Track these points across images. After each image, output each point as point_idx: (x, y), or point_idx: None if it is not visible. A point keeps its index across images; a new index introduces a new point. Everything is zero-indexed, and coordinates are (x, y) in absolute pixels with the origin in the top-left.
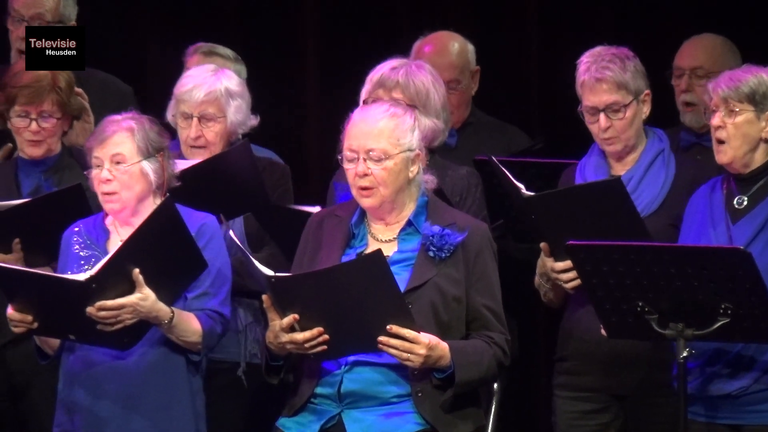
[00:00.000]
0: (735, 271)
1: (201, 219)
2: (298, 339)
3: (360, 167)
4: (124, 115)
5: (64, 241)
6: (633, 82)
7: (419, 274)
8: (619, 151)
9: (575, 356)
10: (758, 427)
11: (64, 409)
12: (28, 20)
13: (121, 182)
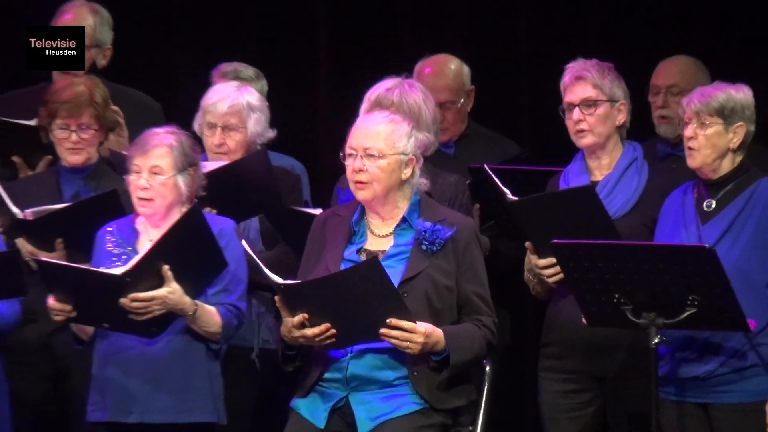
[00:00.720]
0: (702, 267)
1: (220, 223)
2: (308, 334)
3: (357, 163)
4: (165, 129)
5: (97, 240)
6: (609, 88)
7: (413, 266)
8: (589, 146)
9: (559, 342)
10: (723, 405)
11: (97, 390)
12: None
13: (156, 191)
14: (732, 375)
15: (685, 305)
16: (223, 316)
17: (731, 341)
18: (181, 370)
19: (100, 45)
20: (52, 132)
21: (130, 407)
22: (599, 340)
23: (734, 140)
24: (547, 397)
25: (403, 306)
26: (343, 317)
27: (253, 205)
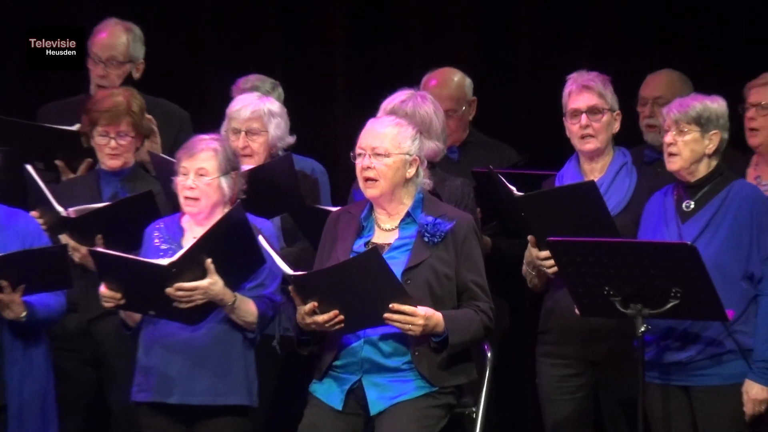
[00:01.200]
0: (684, 262)
1: (259, 224)
2: (319, 321)
3: (366, 161)
4: (210, 135)
5: (146, 235)
6: (610, 98)
7: (416, 256)
8: (592, 151)
9: (555, 330)
10: (702, 387)
11: (142, 372)
12: (105, 61)
13: (202, 191)
14: (710, 360)
15: (668, 297)
16: (260, 308)
17: (710, 330)
18: (219, 356)
19: (134, 60)
20: (93, 138)
21: (172, 389)
22: (593, 328)
23: (710, 146)
24: (546, 380)
25: (403, 292)
26: (350, 304)
27: (278, 205)
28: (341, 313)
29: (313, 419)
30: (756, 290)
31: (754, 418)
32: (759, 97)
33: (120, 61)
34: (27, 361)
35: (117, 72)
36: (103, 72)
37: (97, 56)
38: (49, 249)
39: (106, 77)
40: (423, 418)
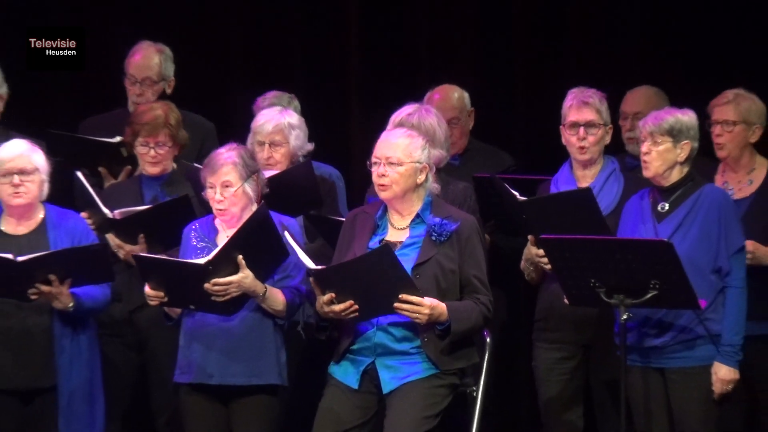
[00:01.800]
0: (661, 257)
1: (285, 221)
2: (336, 310)
3: (381, 169)
4: (226, 147)
5: (184, 235)
6: (605, 114)
7: (425, 253)
8: (587, 161)
9: (551, 318)
10: (676, 369)
11: (184, 357)
12: (140, 81)
13: (230, 201)
14: (683, 345)
15: (648, 288)
16: (287, 297)
17: (683, 318)
18: (253, 342)
19: (166, 78)
20: (135, 148)
21: (211, 372)
22: (584, 315)
23: (681, 155)
24: (541, 363)
25: (411, 284)
26: (364, 295)
27: (298, 207)
28: (356, 303)
29: (331, 397)
30: (724, 282)
31: (721, 397)
32: (722, 114)
33: (154, 81)
34: (75, 347)
35: (152, 90)
36: (140, 91)
37: (133, 77)
38: (91, 247)
39: (142, 95)
40: (430, 396)
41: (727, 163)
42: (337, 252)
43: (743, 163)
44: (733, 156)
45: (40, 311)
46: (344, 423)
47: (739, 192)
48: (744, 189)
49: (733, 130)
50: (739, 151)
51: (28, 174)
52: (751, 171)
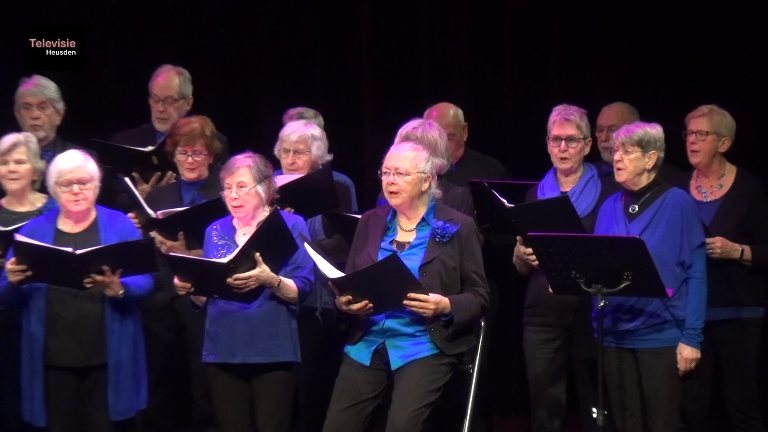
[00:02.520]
0: (634, 252)
1: (294, 220)
2: (353, 309)
3: (390, 178)
4: (244, 154)
5: (207, 234)
6: (585, 129)
7: (430, 253)
8: (567, 170)
9: (538, 305)
10: (646, 349)
11: (210, 340)
12: (163, 100)
13: (244, 200)
14: (652, 328)
15: (622, 279)
16: (299, 286)
17: (651, 305)
18: (270, 325)
19: (185, 97)
20: (175, 156)
21: (234, 352)
22: (568, 302)
23: (649, 163)
24: (530, 344)
25: (417, 283)
26: (376, 295)
27: (318, 207)
28: (370, 302)
29: (347, 373)
30: (686, 274)
31: (685, 374)
32: (696, 125)
33: (175, 99)
34: (123, 330)
35: (173, 107)
36: (162, 108)
37: (156, 96)
38: (140, 241)
39: (164, 111)
40: (432, 373)
41: (700, 170)
42: (353, 250)
43: (714, 170)
44: (705, 163)
45: (93, 299)
46: (358, 395)
47: (710, 195)
48: (715, 192)
49: (706, 139)
50: (710, 159)
51: (85, 183)
52: (721, 176)
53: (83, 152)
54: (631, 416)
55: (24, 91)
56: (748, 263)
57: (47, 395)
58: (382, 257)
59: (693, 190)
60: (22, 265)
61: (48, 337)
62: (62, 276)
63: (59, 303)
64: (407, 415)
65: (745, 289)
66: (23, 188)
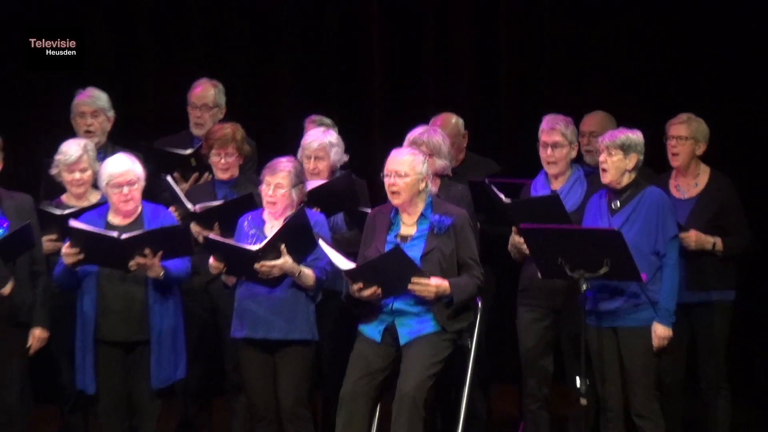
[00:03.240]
0: (612, 242)
1: (316, 217)
2: (364, 295)
3: (391, 180)
4: (287, 159)
5: (239, 223)
6: (569, 135)
7: (429, 244)
8: (555, 173)
9: (530, 288)
10: (625, 328)
11: (238, 317)
12: (199, 107)
13: (278, 199)
14: (630, 308)
15: (602, 265)
16: (316, 275)
17: (630, 288)
18: (290, 307)
19: (219, 106)
20: (210, 158)
21: (258, 328)
22: (556, 286)
23: (630, 164)
24: (522, 322)
25: (419, 270)
26: (384, 282)
27: (340, 206)
28: (379, 288)
29: (360, 349)
30: (661, 262)
31: (659, 350)
32: (676, 131)
33: (210, 107)
34: (164, 309)
35: (208, 114)
36: (199, 114)
37: (194, 104)
38: (176, 227)
39: (200, 117)
40: (436, 347)
41: (679, 170)
42: (363, 243)
43: (691, 170)
44: (683, 164)
45: (138, 282)
46: (370, 367)
47: (687, 192)
48: (691, 190)
49: (685, 144)
50: (688, 161)
51: (133, 184)
52: (697, 176)
53: (130, 155)
54: (610, 386)
55: (79, 101)
56: (720, 253)
57: (97, 366)
58: (388, 249)
59: (672, 188)
60: (76, 248)
61: (98, 316)
62: (110, 259)
63: (108, 285)
64: (414, 384)
65: (717, 276)
66: (86, 191)
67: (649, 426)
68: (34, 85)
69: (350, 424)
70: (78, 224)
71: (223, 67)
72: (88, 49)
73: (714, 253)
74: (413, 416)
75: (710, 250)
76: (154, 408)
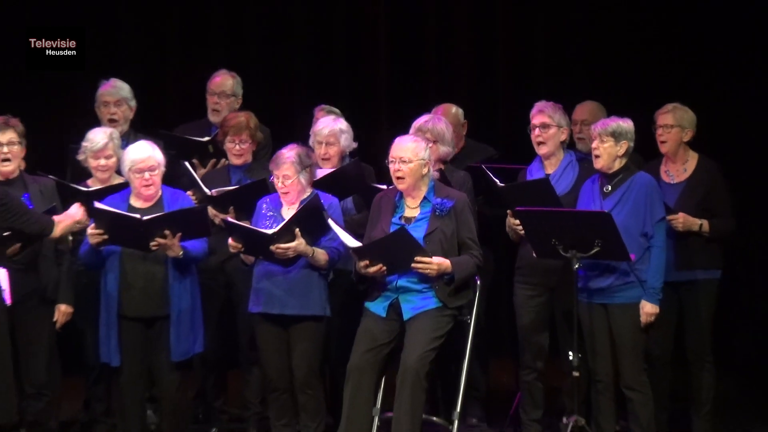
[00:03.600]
0: (603, 223)
1: (329, 200)
2: (370, 271)
3: (396, 166)
4: (288, 148)
5: (258, 206)
6: (556, 118)
7: (431, 225)
8: (545, 153)
9: (526, 267)
10: (614, 304)
11: (255, 294)
12: (218, 95)
13: (288, 188)
14: (620, 286)
15: (593, 245)
16: (330, 255)
17: (619, 267)
18: (304, 285)
19: (236, 95)
20: (225, 144)
21: (274, 304)
22: (550, 265)
23: (621, 151)
24: (519, 298)
25: (422, 249)
26: (389, 260)
27: (351, 189)
28: (384, 266)
29: (367, 324)
30: (649, 243)
31: (646, 325)
32: (663, 120)
33: (228, 95)
34: (182, 287)
35: (225, 102)
36: (217, 100)
37: (213, 92)
38: (194, 208)
39: (218, 104)
40: (438, 322)
41: (668, 157)
42: (369, 224)
43: (680, 156)
44: (671, 151)
45: (158, 261)
46: (375, 341)
47: (677, 177)
48: (680, 175)
49: (672, 131)
50: (676, 148)
51: (154, 170)
52: (686, 162)
53: (151, 143)
54: (601, 359)
55: (103, 91)
56: (706, 234)
57: (120, 340)
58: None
59: (662, 173)
60: (100, 229)
61: (121, 293)
62: (132, 239)
63: (131, 264)
64: (417, 356)
65: (704, 256)
66: (110, 177)
67: (637, 397)
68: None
69: (357, 395)
70: (102, 206)
71: (241, 61)
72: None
73: (701, 234)
74: (416, 387)
75: (697, 231)
76: (173, 379)
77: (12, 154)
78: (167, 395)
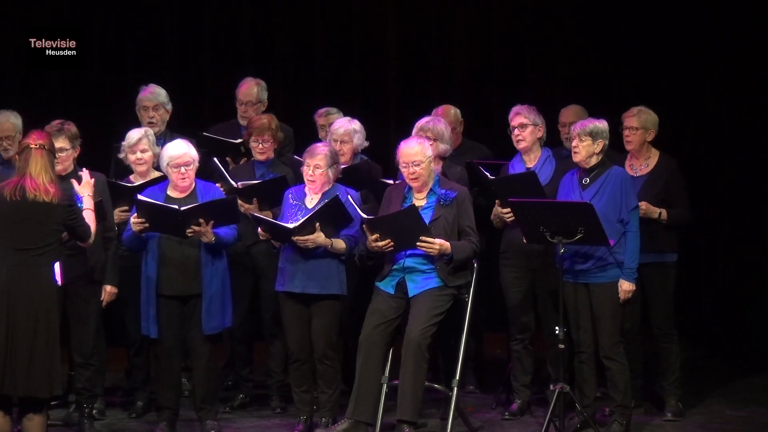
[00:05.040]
0: (586, 213)
1: (351, 191)
2: (379, 245)
3: (410, 169)
4: (323, 144)
5: (284, 196)
6: (531, 117)
7: (436, 213)
8: (523, 148)
9: (509, 251)
10: (596, 284)
11: (281, 274)
12: (245, 103)
13: (317, 178)
14: (600, 268)
15: (577, 232)
16: (346, 243)
17: (599, 251)
18: (325, 267)
19: (262, 101)
20: (250, 143)
21: (297, 284)
22: (534, 249)
23: (597, 148)
24: (505, 280)
25: (427, 230)
26: (397, 236)
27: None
28: (392, 241)
29: (376, 301)
30: (625, 229)
31: (624, 301)
32: (629, 122)
33: (254, 102)
34: (214, 268)
35: (252, 109)
36: (244, 109)
37: (240, 100)
38: (225, 199)
39: (246, 112)
40: (439, 299)
41: (633, 154)
42: (381, 211)
43: (643, 153)
44: (636, 149)
45: (193, 245)
46: (384, 316)
47: (640, 171)
48: (643, 169)
49: (637, 133)
50: (640, 146)
51: (189, 165)
52: (648, 158)
53: (186, 141)
54: (584, 333)
55: (142, 96)
56: (664, 221)
57: (158, 315)
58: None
59: (627, 167)
60: (142, 218)
61: (160, 274)
62: (170, 227)
63: (168, 248)
64: (420, 330)
65: (664, 240)
66: (147, 170)
67: (615, 366)
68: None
69: (367, 365)
70: (145, 198)
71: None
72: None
73: (660, 221)
74: (418, 358)
75: (656, 218)
76: (205, 350)
77: (60, 159)
78: (199, 365)
